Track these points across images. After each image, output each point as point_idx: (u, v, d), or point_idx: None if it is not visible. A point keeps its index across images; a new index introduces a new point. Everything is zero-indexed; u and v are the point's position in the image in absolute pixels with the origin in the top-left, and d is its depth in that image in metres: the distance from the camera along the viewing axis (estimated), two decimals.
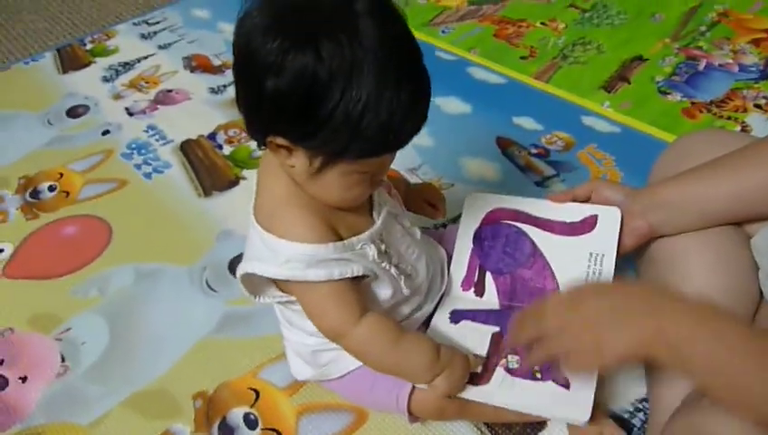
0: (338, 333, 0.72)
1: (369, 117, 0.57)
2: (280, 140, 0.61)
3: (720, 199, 0.77)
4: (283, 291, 0.74)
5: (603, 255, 0.81)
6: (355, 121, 0.57)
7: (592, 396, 0.73)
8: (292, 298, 0.73)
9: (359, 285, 0.71)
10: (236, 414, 0.87)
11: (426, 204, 0.88)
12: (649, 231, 0.80)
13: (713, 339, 0.57)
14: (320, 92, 0.56)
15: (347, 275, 0.68)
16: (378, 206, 0.74)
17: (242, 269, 0.71)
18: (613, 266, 0.81)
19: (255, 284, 0.73)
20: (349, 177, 0.64)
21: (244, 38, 0.59)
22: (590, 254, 0.82)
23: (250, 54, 0.58)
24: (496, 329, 0.81)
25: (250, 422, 0.86)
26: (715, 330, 0.58)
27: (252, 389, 0.90)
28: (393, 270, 0.73)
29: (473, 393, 0.75)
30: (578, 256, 0.83)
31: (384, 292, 0.74)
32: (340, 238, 0.68)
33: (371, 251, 0.70)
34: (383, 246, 0.72)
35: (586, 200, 0.86)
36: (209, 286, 1.06)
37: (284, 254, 0.66)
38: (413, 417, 0.80)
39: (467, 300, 0.85)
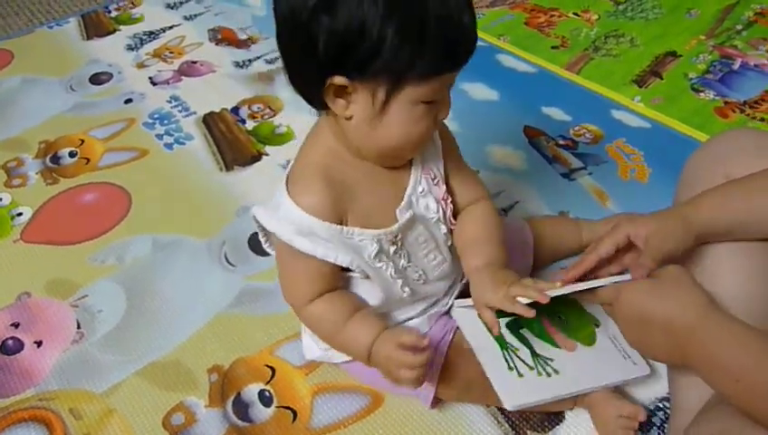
0: (293, 304, 0.75)
1: (429, 17, 0.57)
2: (338, 80, 0.60)
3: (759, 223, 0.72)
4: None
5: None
6: (415, 28, 0.57)
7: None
8: None
9: (341, 274, 0.72)
10: (252, 390, 0.87)
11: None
12: (696, 244, 0.75)
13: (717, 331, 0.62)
14: (373, 10, 0.56)
15: (327, 260, 0.68)
16: (408, 205, 0.71)
17: (252, 211, 0.72)
18: None
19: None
20: (414, 108, 0.63)
21: (284, 3, 0.61)
22: None
23: (293, 10, 0.59)
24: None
25: (265, 399, 0.86)
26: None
27: (268, 366, 0.89)
28: (390, 271, 0.71)
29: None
30: None
31: (373, 293, 0.73)
32: (343, 224, 0.68)
33: (370, 249, 0.69)
34: (393, 248, 0.71)
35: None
36: (228, 261, 1.05)
37: (283, 211, 0.68)
38: (434, 400, 0.79)
39: None
